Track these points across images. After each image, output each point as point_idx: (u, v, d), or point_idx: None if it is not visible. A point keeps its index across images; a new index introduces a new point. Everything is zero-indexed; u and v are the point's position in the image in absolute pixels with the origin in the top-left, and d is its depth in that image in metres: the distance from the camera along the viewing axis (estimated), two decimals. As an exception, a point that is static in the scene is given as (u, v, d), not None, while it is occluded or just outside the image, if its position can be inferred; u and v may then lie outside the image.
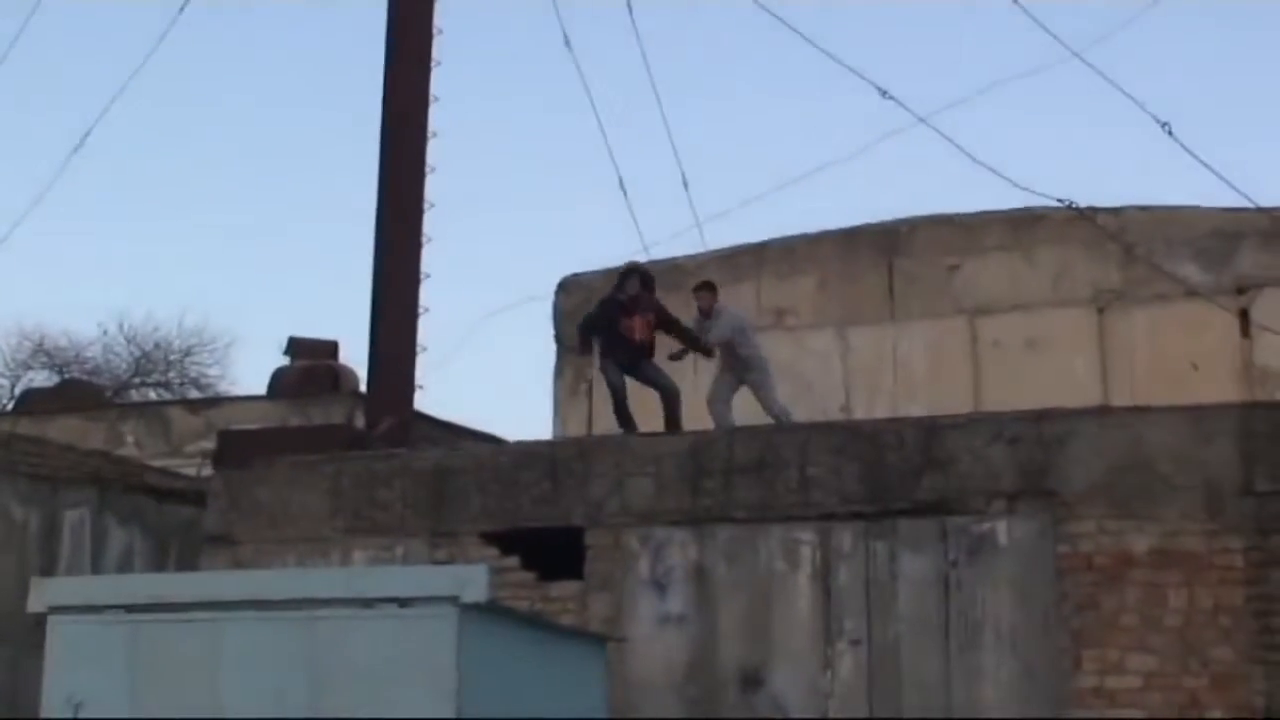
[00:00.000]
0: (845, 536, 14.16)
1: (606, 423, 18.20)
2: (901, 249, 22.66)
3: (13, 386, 42.51)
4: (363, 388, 23.74)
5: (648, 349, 18.34)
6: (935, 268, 22.51)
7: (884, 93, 19.17)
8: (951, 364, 22.07)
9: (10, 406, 37.18)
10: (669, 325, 18.61)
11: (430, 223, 20.80)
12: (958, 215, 22.72)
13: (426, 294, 20.66)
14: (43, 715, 10.98)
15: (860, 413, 20.88)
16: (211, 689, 10.65)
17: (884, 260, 22.69)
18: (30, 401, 32.66)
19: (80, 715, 10.77)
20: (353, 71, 62.54)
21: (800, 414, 18.87)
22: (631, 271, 18.55)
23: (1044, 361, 21.46)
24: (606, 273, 22.31)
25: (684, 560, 14.53)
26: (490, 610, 10.77)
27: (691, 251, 23.27)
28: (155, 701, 10.73)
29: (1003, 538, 13.78)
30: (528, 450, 15.63)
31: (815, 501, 14.30)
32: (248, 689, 10.58)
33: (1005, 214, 22.15)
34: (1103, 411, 15.05)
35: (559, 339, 23.41)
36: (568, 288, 23.76)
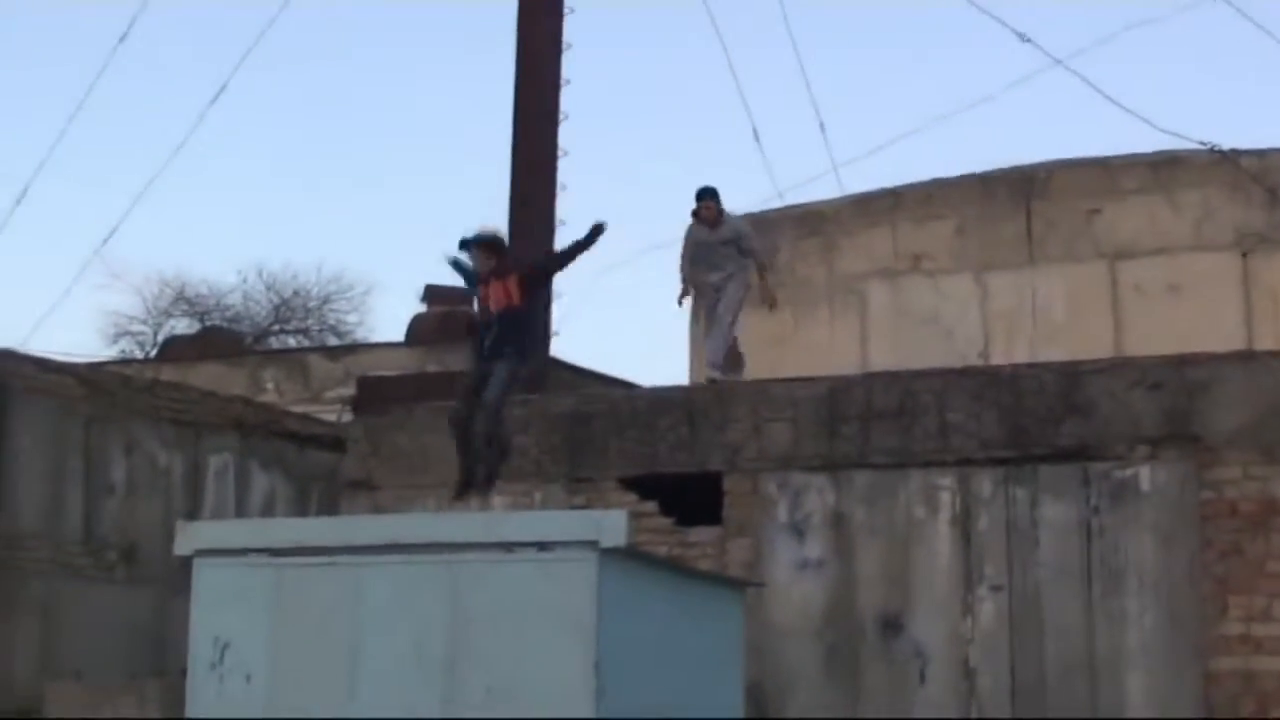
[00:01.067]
0: (985, 482, 14.06)
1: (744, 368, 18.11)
2: (1040, 193, 22.38)
3: (155, 334, 43.11)
4: (499, 334, 23.81)
5: (514, 312, 13.65)
6: (1075, 212, 22.22)
7: (1022, 36, 18.96)
8: (1092, 309, 21.80)
9: (153, 354, 37.71)
10: (544, 272, 15.16)
11: (564, 170, 20.84)
12: (1097, 158, 22.41)
13: (560, 240, 20.70)
14: (189, 656, 11.14)
15: (999, 358, 20.70)
16: (352, 632, 10.75)
17: (1022, 204, 22.42)
18: (172, 349, 33.09)
19: (225, 656, 10.93)
20: (486, 20, 62.75)
21: (938, 360, 18.70)
22: (466, 244, 14.00)
23: (1186, 306, 21.15)
24: (741, 217, 22.25)
25: (822, 505, 14.49)
26: (629, 555, 10.78)
27: (826, 196, 23.14)
28: (298, 643, 10.85)
29: (1145, 484, 13.62)
30: (664, 395, 15.63)
31: (955, 447, 14.21)
32: (388, 632, 10.68)
33: (1146, 157, 21.82)
34: (1247, 356, 14.83)
35: (695, 285, 23.35)
36: (703, 233, 23.66)
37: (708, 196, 18.02)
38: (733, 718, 12.68)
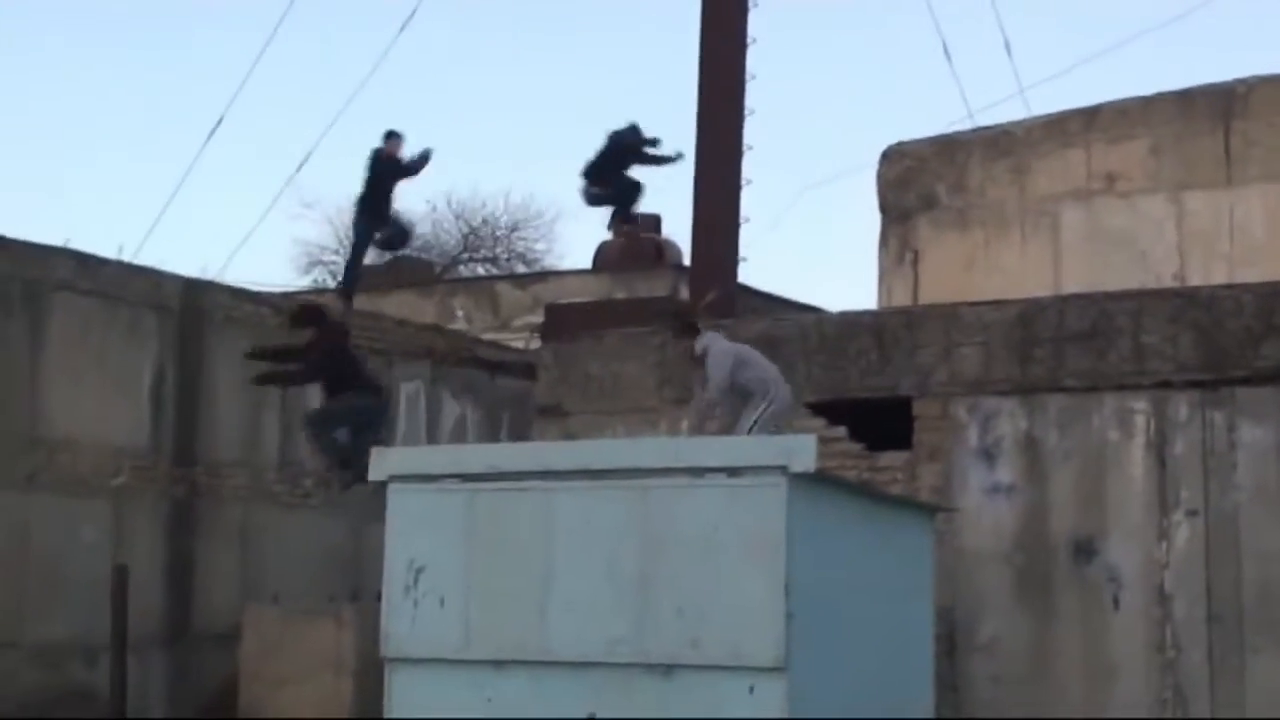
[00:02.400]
0: (1181, 405, 13.83)
1: (933, 292, 17.99)
2: (1239, 110, 21.84)
3: (347, 264, 43.55)
4: (686, 261, 23.86)
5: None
6: (1275, 129, 21.67)
7: (1220, -52, 18.45)
8: (1292, 229, 21.31)
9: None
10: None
11: (751, 95, 20.73)
12: (1298, 74, 21.84)
13: (749, 166, 20.62)
14: (384, 580, 11.31)
15: (1196, 280, 20.29)
16: (545, 556, 10.85)
17: (1221, 122, 21.90)
18: (364, 278, 33.48)
19: (420, 580, 11.08)
20: (672, -55, 62.38)
21: (1132, 282, 18.39)
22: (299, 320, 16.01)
23: (1392, 226, 20.59)
24: (932, 141, 22.00)
25: (1014, 430, 14.34)
26: (819, 480, 10.77)
27: (1018, 117, 22.79)
28: (491, 567, 10.98)
29: (1347, 405, 13.31)
30: (854, 320, 15.53)
31: (1150, 370, 13.97)
32: (580, 556, 10.77)
33: (1350, 71, 21.23)
34: None
35: (883, 209, 23.17)
36: (891, 157, 23.42)
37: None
38: (924, 641, 12.67)
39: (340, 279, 18.16)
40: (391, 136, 19.91)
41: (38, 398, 15.29)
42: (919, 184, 20.44)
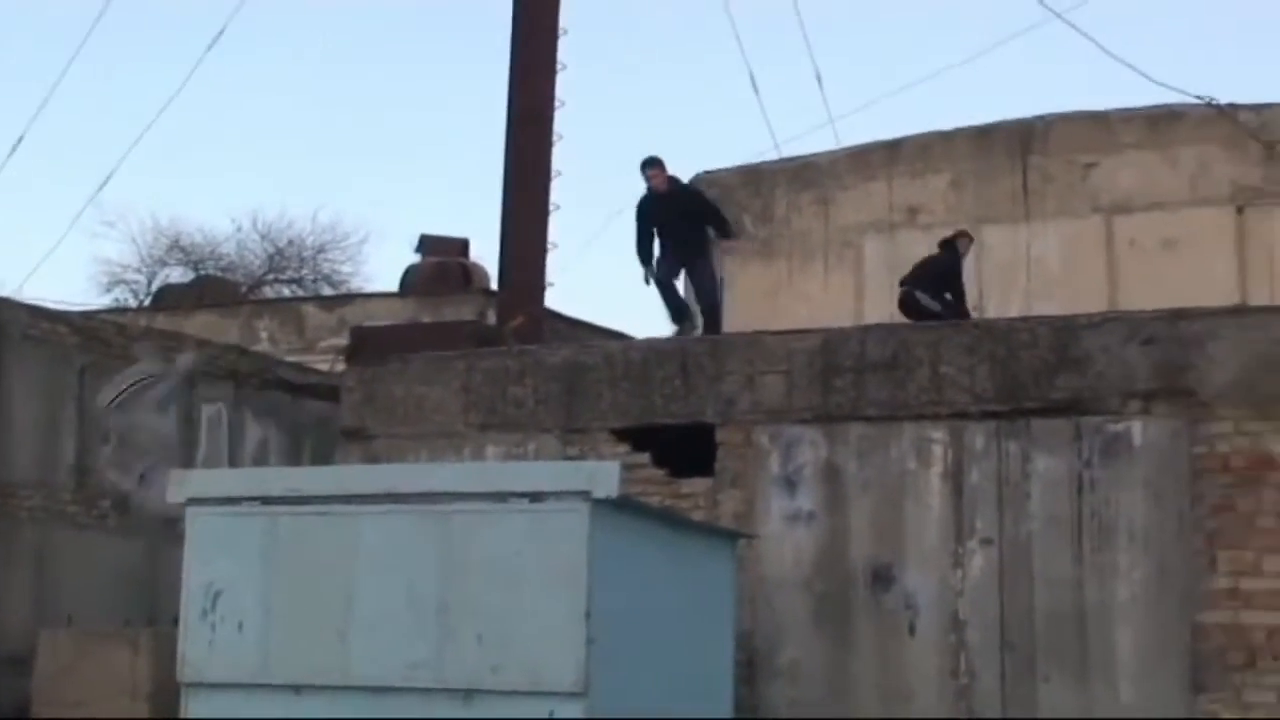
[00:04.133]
0: (978, 436, 14.06)
1: (738, 320, 18.17)
2: (1037, 147, 22.38)
3: (149, 282, 43.04)
4: (494, 285, 23.84)
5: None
6: (1071, 166, 22.23)
7: (1021, -12, 18.85)
8: (1087, 263, 21.82)
9: (147, 302, 37.69)
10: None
11: (561, 120, 20.79)
12: (1094, 112, 22.38)
13: (558, 191, 20.66)
14: (182, 604, 11.19)
15: (994, 312, 20.71)
16: (346, 580, 10.82)
17: (1019, 158, 22.42)
18: (167, 297, 33.13)
19: (218, 604, 10.97)
20: (483, -31, 62.34)
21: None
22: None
23: (1181, 261, 21.16)
24: (739, 170, 22.22)
25: (815, 457, 14.50)
26: (622, 505, 10.84)
27: (824, 149, 23.11)
28: (291, 591, 10.91)
29: (1138, 438, 13.62)
30: (659, 347, 15.62)
31: (948, 400, 14.20)
32: (381, 580, 10.74)
33: (1143, 111, 21.82)
34: (1241, 311, 14.83)
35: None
36: (700, 185, 23.67)
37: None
38: (725, 665, 12.76)
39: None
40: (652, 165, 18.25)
41: None
42: (726, 213, 20.62)
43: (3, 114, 49.79)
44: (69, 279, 65.77)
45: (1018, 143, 22.49)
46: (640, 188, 17.76)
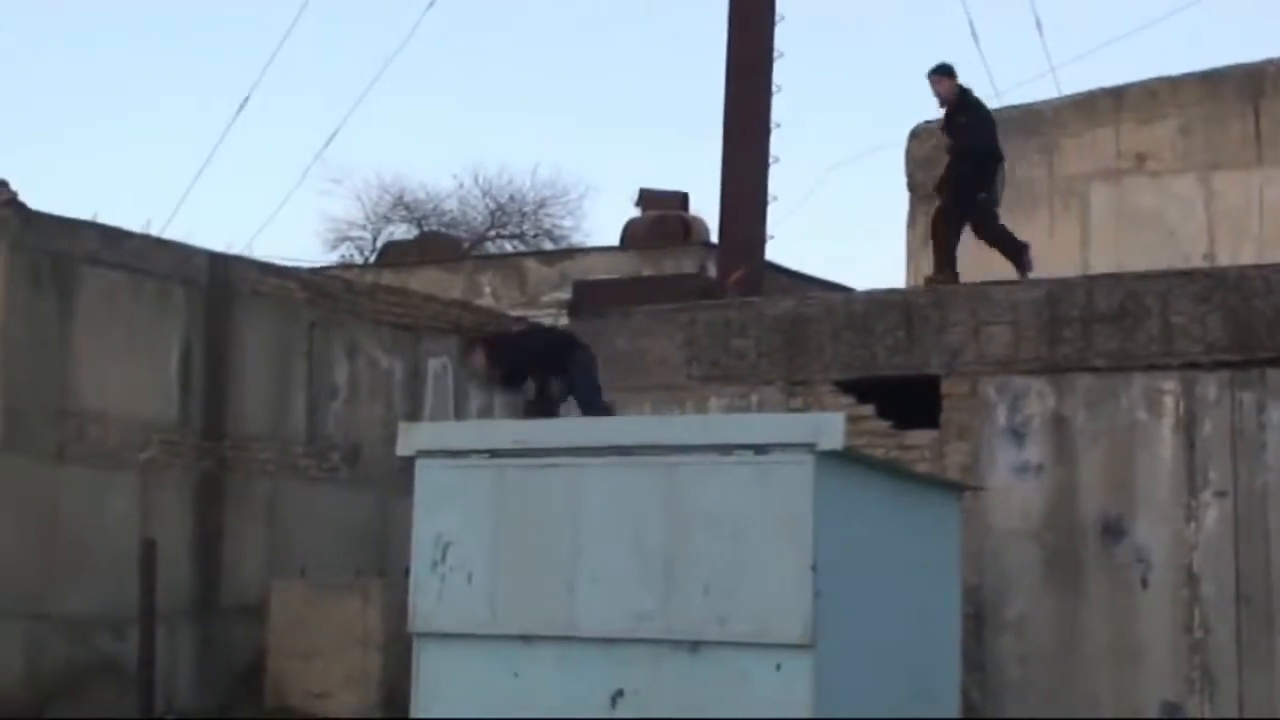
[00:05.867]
0: (1210, 386, 13.79)
1: (960, 271, 17.91)
2: (1269, 90, 21.78)
3: (374, 239, 43.69)
4: (713, 238, 23.85)
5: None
6: (1306, 109, 21.60)
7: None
8: (1322, 209, 21.21)
9: (372, 259, 38.24)
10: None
11: (780, 72, 20.70)
12: (1330, 54, 21.73)
13: (776, 144, 20.60)
14: (412, 555, 11.33)
15: (1225, 260, 20.23)
16: (572, 532, 10.86)
17: (1250, 102, 21.84)
18: (391, 254, 33.53)
19: (447, 555, 11.10)
20: (701, -78, 62.25)
21: (1161, 262, 18.34)
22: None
23: None
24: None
25: (1043, 409, 14.32)
26: (846, 457, 10.76)
27: (1046, 96, 22.73)
28: (518, 542, 10.99)
29: (1377, 386, 13.26)
30: (882, 299, 15.51)
31: (1178, 350, 13.94)
32: (607, 532, 10.78)
33: (1381, 51, 21.15)
34: None
35: (911, 187, 23.14)
36: (919, 135, 23.39)
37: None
38: (951, 619, 12.66)
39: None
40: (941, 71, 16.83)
41: (67, 371, 15.31)
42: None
43: (230, 74, 50.67)
44: (297, 236, 67.05)
45: (1249, 87, 21.90)
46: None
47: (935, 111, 17.56)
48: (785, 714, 10.12)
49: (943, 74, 16.63)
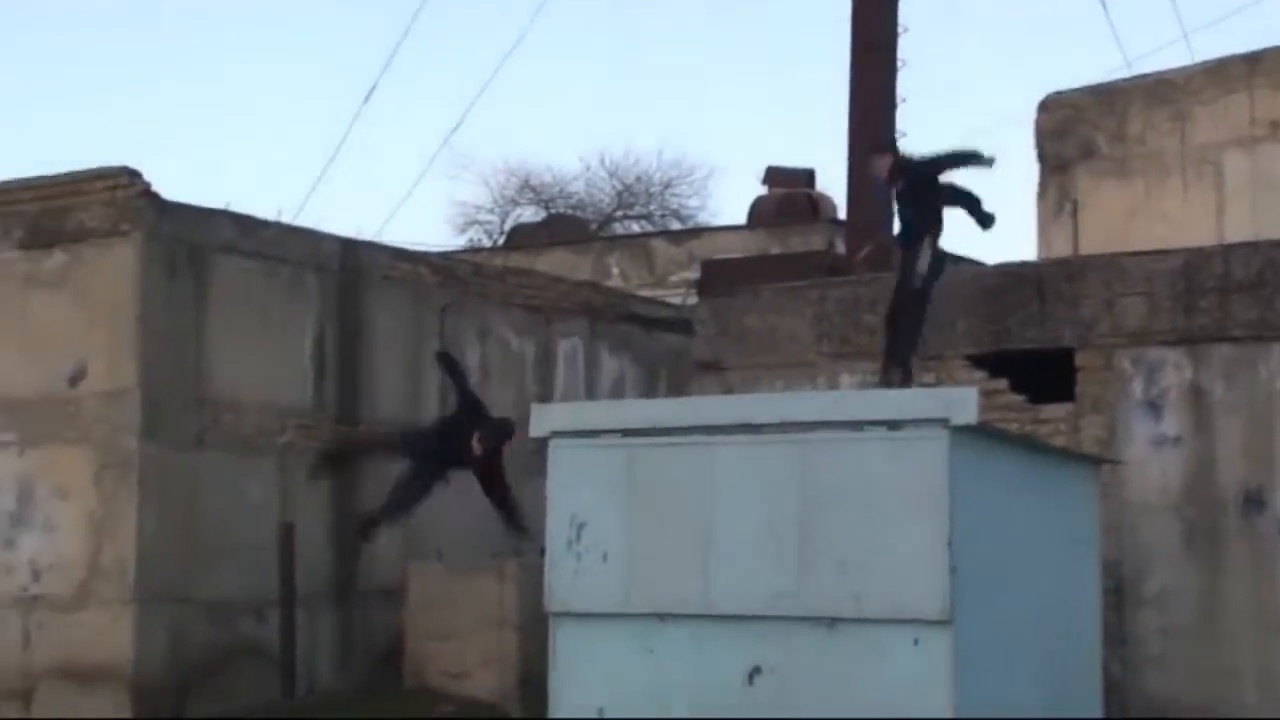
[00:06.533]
0: (1354, 355, 13.57)
1: (1093, 243, 17.78)
2: None
3: (502, 222, 43.90)
4: (841, 215, 23.75)
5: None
6: None
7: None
8: None
9: (501, 242, 38.43)
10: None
11: (904, 47, 20.57)
12: None
13: (902, 119, 20.47)
14: (547, 535, 11.38)
15: (1366, 227, 19.89)
16: (705, 510, 10.86)
17: (1391, 65, 21.44)
18: (519, 236, 33.69)
19: (582, 535, 11.13)
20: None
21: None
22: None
23: None
24: (1090, 90, 21.70)
25: (1180, 380, 14.13)
26: (981, 432, 10.69)
27: (1178, 64, 22.43)
28: (652, 521, 11.01)
29: None
30: (1014, 271, 15.38)
31: (1320, 319, 13.72)
32: (740, 510, 10.76)
33: None
34: None
35: (1042, 159, 22.94)
36: (1049, 107, 23.17)
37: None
38: (1091, 594, 12.54)
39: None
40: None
41: (203, 358, 15.51)
42: (1077, 133, 20.23)
43: (357, 64, 51.08)
44: (425, 222, 67.53)
45: (1389, 50, 21.49)
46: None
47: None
48: (924, 690, 10.07)
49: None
